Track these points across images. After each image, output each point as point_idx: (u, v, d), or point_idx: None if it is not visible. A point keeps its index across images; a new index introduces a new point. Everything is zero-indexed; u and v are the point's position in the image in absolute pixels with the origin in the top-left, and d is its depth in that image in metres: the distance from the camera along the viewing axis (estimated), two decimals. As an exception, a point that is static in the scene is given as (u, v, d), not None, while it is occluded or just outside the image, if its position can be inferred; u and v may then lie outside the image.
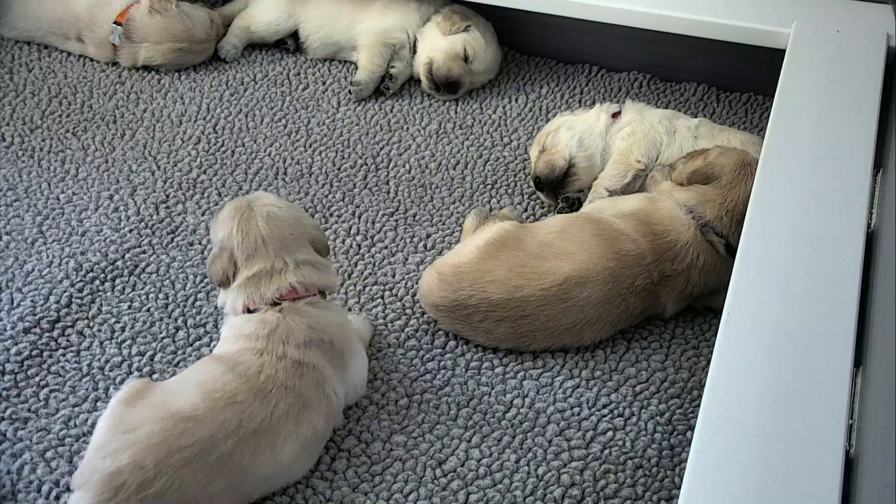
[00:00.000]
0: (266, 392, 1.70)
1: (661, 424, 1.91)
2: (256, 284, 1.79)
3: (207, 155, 2.52)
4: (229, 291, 1.81)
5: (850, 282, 1.72)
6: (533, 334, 1.99)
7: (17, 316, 2.05)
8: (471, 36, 2.71)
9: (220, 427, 1.64)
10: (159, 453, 1.59)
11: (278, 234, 1.81)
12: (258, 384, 1.70)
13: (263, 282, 1.79)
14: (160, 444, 1.60)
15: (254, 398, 1.68)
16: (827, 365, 1.58)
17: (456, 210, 2.39)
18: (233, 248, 1.80)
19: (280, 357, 1.73)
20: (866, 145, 2.00)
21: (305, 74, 2.81)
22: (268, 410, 1.68)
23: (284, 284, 1.79)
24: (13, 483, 1.76)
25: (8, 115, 2.62)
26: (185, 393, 1.68)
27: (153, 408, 1.65)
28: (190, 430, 1.62)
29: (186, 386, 1.70)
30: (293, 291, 1.79)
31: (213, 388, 1.68)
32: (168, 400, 1.66)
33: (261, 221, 1.81)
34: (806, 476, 1.42)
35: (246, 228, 1.81)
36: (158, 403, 1.66)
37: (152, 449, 1.60)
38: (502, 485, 1.80)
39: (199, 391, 1.67)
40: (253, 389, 1.69)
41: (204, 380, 1.70)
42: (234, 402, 1.67)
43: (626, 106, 2.44)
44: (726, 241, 2.05)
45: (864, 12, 2.41)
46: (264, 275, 1.79)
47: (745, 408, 1.52)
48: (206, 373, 1.73)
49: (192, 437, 1.61)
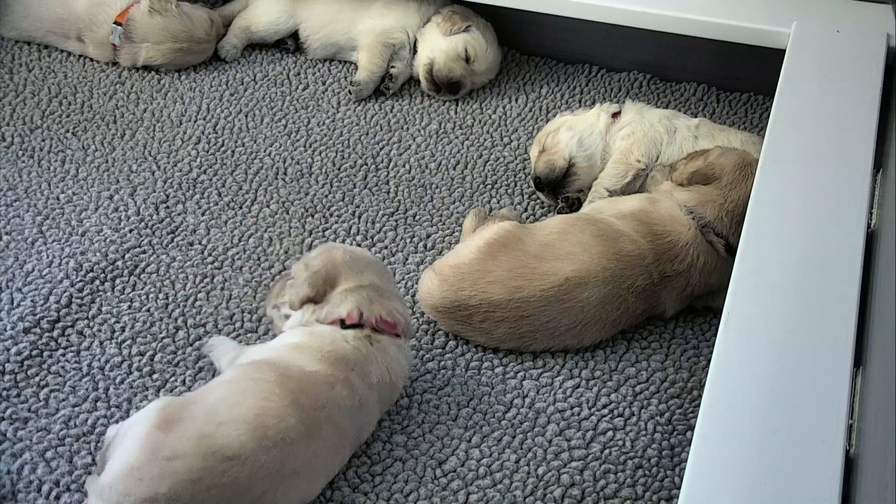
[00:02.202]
0: (318, 428, 1.64)
1: (661, 424, 1.91)
2: (369, 299, 1.75)
3: (207, 155, 2.52)
4: (323, 304, 1.76)
5: (850, 282, 1.72)
6: (533, 335, 1.99)
7: (17, 316, 2.05)
8: (471, 36, 2.71)
9: (261, 467, 1.57)
10: (197, 490, 1.53)
11: (381, 268, 1.85)
12: (315, 419, 1.63)
13: (375, 299, 1.75)
14: (200, 480, 1.53)
15: (304, 437, 1.62)
16: (827, 365, 1.58)
17: (456, 210, 2.39)
18: (336, 267, 1.77)
19: (350, 395, 1.69)
20: (866, 145, 2.00)
21: (305, 74, 2.81)
22: (312, 450, 1.64)
23: (391, 309, 1.77)
24: (13, 483, 1.76)
25: (8, 115, 2.62)
26: (234, 426, 1.57)
27: (197, 439, 1.56)
28: (231, 469, 1.55)
29: (238, 415, 1.59)
30: (393, 325, 1.77)
31: (267, 423, 1.59)
32: (215, 433, 1.56)
33: (368, 255, 1.85)
34: (806, 476, 1.42)
35: (353, 254, 1.82)
36: (204, 434, 1.56)
37: (191, 484, 1.53)
38: (502, 485, 1.80)
39: (251, 428, 1.58)
40: (307, 426, 1.62)
41: (259, 412, 1.59)
42: (283, 441, 1.59)
43: (626, 106, 2.44)
44: (726, 242, 2.05)
45: (864, 12, 2.41)
46: (375, 291, 1.76)
47: (745, 408, 1.52)
48: (264, 399, 1.61)
49: (231, 476, 1.55)
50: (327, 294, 1.78)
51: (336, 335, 1.74)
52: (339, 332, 1.74)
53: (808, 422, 1.50)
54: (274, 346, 1.79)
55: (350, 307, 1.76)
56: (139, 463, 1.55)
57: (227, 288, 2.16)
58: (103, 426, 1.85)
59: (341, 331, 1.74)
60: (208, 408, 1.61)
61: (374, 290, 1.79)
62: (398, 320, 1.79)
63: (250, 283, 2.17)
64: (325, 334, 1.74)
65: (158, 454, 1.55)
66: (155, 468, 1.54)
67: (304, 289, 1.78)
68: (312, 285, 1.78)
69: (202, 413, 1.60)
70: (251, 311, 2.10)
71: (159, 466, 1.54)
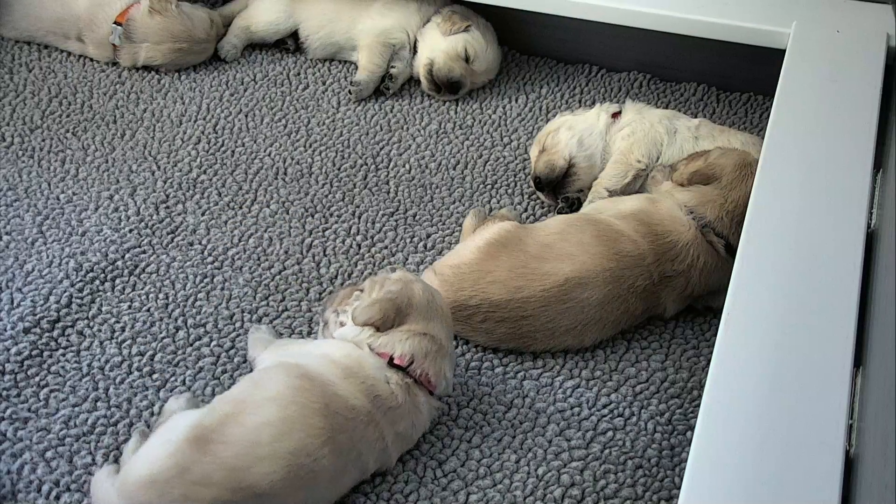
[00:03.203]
0: (344, 469, 1.64)
1: (661, 424, 1.91)
2: (426, 352, 1.74)
3: (207, 155, 2.52)
4: (385, 338, 1.75)
5: (850, 282, 1.72)
6: (533, 335, 1.99)
7: (17, 316, 2.05)
8: (471, 36, 2.71)
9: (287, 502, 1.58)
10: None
11: (447, 319, 1.82)
12: (345, 462, 1.64)
13: (431, 354, 1.74)
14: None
15: (330, 478, 1.62)
16: (827, 365, 1.58)
17: (456, 210, 2.39)
18: (411, 303, 1.76)
19: (378, 438, 1.68)
20: (866, 145, 2.00)
21: (305, 74, 2.81)
22: (334, 489, 1.66)
23: (440, 371, 1.76)
24: (13, 483, 1.76)
25: (8, 115, 2.62)
26: (270, 464, 1.55)
27: (230, 471, 1.54)
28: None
29: (277, 451, 1.56)
30: (434, 385, 1.77)
31: (302, 462, 1.57)
32: (250, 468, 1.54)
33: (441, 300, 1.82)
34: (806, 476, 1.42)
35: (430, 295, 1.80)
36: (237, 468, 1.54)
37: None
38: (502, 485, 1.80)
39: (286, 465, 1.56)
40: (336, 468, 1.62)
41: (298, 449, 1.57)
42: (312, 481, 1.59)
43: (626, 106, 2.44)
44: (726, 242, 2.05)
45: (864, 12, 2.41)
46: (435, 345, 1.75)
47: (745, 408, 1.52)
48: (306, 433, 1.59)
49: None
50: (392, 327, 1.76)
51: (379, 373, 1.72)
52: (383, 370, 1.72)
53: (808, 422, 1.50)
54: (318, 353, 1.75)
55: (406, 351, 1.74)
56: (165, 477, 1.54)
57: (227, 288, 2.16)
58: (103, 426, 1.85)
59: (386, 370, 1.73)
60: (248, 435, 1.57)
61: (435, 343, 1.77)
62: (440, 384, 1.78)
63: (250, 283, 2.17)
64: (370, 366, 1.72)
65: (187, 475, 1.53)
66: (180, 488, 1.53)
67: (375, 313, 1.75)
68: (384, 311, 1.75)
69: (241, 440, 1.57)
70: (251, 311, 2.10)
71: (185, 488, 1.53)
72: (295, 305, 2.13)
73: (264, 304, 2.12)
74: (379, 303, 1.76)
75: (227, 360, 2.00)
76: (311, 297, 2.14)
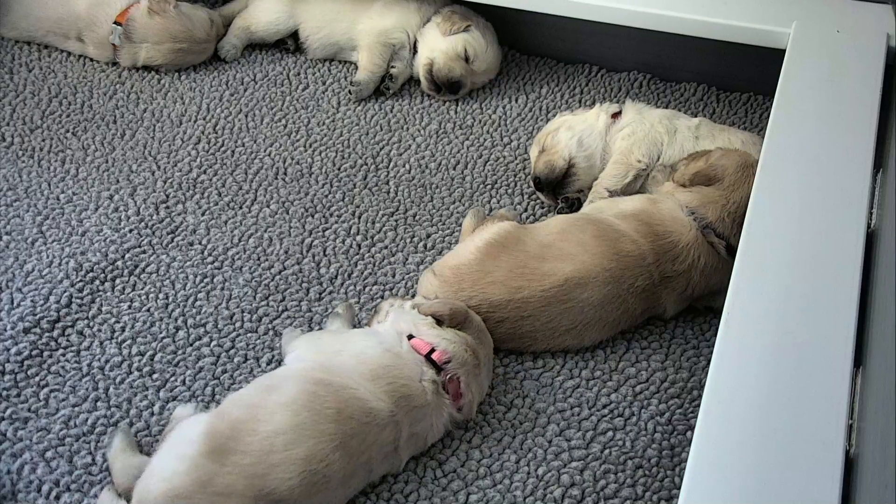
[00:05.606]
0: (353, 473, 1.66)
1: (661, 424, 1.91)
2: (465, 360, 1.79)
3: (207, 155, 2.52)
4: (438, 331, 1.81)
5: (850, 282, 1.72)
6: (533, 335, 1.99)
7: (17, 316, 2.05)
8: (471, 36, 2.71)
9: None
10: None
11: (490, 356, 1.88)
12: (355, 467, 1.65)
13: (470, 364, 1.80)
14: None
15: (341, 482, 1.63)
16: (827, 365, 1.58)
17: (456, 210, 2.39)
18: (471, 323, 1.84)
19: (393, 439, 1.70)
20: (866, 145, 2.00)
21: (305, 74, 2.81)
22: (343, 491, 1.67)
23: (473, 384, 1.80)
24: (13, 483, 1.76)
25: (8, 115, 2.62)
26: (286, 470, 1.57)
27: (250, 479, 1.56)
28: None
29: (291, 457, 1.58)
30: (460, 396, 1.79)
31: (315, 468, 1.59)
32: (268, 475, 1.56)
33: (491, 342, 1.90)
34: (806, 476, 1.42)
35: (483, 328, 1.89)
36: (256, 475, 1.56)
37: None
38: (502, 485, 1.80)
39: (300, 471, 1.58)
40: (346, 473, 1.64)
41: (310, 454, 1.59)
42: (325, 485, 1.61)
43: (626, 106, 2.44)
44: (727, 243, 2.05)
45: (864, 12, 2.41)
46: (477, 360, 1.81)
47: (745, 408, 1.52)
48: (317, 440, 1.60)
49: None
50: (450, 328, 1.83)
51: (415, 370, 1.75)
52: (420, 364, 1.76)
53: (808, 422, 1.50)
54: (350, 352, 1.77)
55: (449, 350, 1.78)
56: (188, 492, 1.54)
57: (227, 288, 2.16)
58: (103, 426, 1.85)
59: (423, 364, 1.76)
60: (263, 443, 1.59)
61: (475, 360, 1.82)
62: (466, 399, 1.80)
63: (250, 283, 2.17)
64: (407, 364, 1.76)
65: (209, 487, 1.55)
66: (204, 501, 1.54)
67: (444, 308, 1.84)
68: (452, 311, 1.83)
69: (256, 448, 1.58)
70: (251, 311, 2.10)
71: (209, 500, 1.54)
72: (295, 305, 2.13)
73: (264, 304, 2.12)
74: (450, 304, 1.86)
75: (227, 360, 2.00)
76: (311, 297, 2.14)
